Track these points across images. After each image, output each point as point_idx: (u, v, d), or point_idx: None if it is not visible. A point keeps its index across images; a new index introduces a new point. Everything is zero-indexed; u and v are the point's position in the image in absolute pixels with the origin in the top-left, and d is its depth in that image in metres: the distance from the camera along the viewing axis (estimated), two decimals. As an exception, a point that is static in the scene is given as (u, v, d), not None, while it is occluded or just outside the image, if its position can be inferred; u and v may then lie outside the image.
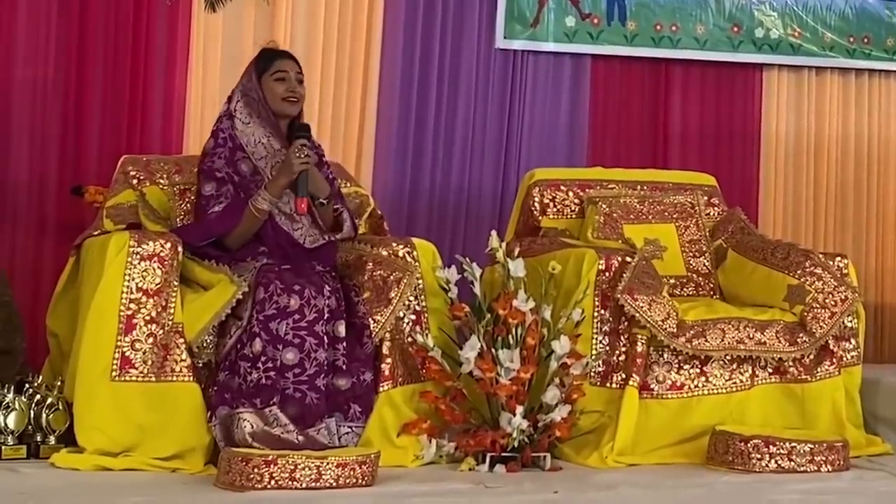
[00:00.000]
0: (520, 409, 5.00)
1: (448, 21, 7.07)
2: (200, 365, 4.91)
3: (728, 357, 5.38)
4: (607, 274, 5.34)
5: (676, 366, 5.34)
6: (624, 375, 5.26)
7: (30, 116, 6.31)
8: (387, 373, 5.08)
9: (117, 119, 6.40)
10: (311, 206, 5.19)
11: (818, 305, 5.48)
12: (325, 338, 4.93)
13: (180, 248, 4.96)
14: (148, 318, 4.84)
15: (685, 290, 5.86)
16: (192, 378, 4.85)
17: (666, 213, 6.02)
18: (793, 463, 5.08)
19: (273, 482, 4.40)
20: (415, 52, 7.00)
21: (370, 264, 5.18)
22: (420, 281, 5.23)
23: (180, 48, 6.52)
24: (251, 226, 5.14)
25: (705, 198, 6.22)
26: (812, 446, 5.10)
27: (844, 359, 5.58)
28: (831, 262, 5.63)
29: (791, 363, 5.45)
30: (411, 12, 6.99)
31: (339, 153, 6.62)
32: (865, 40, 7.64)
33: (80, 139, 6.35)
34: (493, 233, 5.33)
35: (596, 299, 5.32)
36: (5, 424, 4.84)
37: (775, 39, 7.51)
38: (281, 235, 5.18)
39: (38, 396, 4.92)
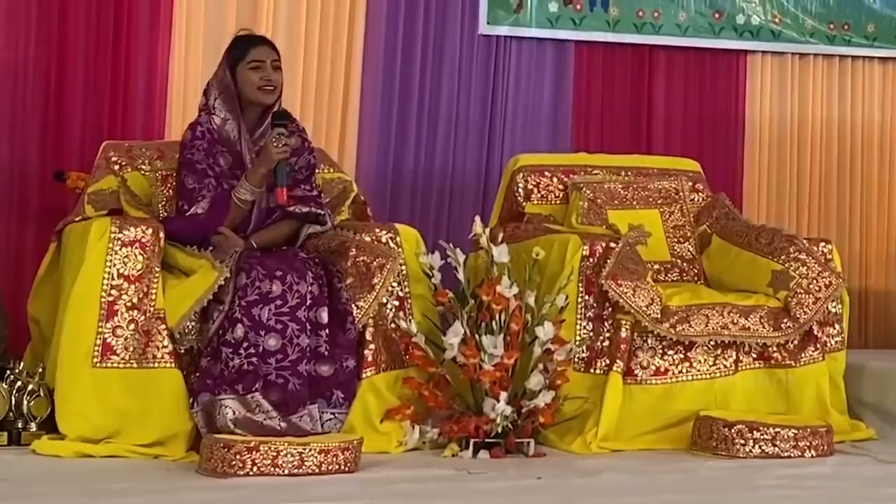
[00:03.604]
0: (503, 395, 4.99)
1: (431, 7, 7.02)
2: (182, 351, 4.90)
3: (712, 342, 5.37)
4: (591, 259, 5.33)
5: (660, 351, 5.33)
6: (608, 361, 5.25)
7: (10, 102, 6.25)
8: (370, 359, 5.06)
9: (99, 105, 6.35)
10: (290, 196, 5.18)
11: (802, 291, 5.48)
12: (308, 324, 4.92)
13: (162, 234, 4.94)
14: (129, 304, 4.83)
15: (669, 275, 5.85)
16: (173, 364, 4.84)
17: (650, 199, 6.01)
18: (777, 448, 5.08)
19: (255, 468, 4.40)
20: (398, 38, 6.95)
21: (353, 250, 5.16)
22: (403, 267, 5.22)
23: (162, 32, 6.46)
24: (236, 215, 5.16)
25: (690, 183, 6.21)
26: (796, 431, 5.11)
27: (829, 344, 5.59)
28: (816, 248, 5.63)
29: (775, 348, 5.45)
30: (394, -3, 6.97)
31: (321, 138, 6.58)
32: (846, 27, 7.62)
33: (61, 125, 6.29)
34: (477, 219, 5.32)
35: (580, 285, 5.31)
36: (-14, 411, 4.83)
37: (756, 26, 7.49)
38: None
39: (19, 383, 4.90)
